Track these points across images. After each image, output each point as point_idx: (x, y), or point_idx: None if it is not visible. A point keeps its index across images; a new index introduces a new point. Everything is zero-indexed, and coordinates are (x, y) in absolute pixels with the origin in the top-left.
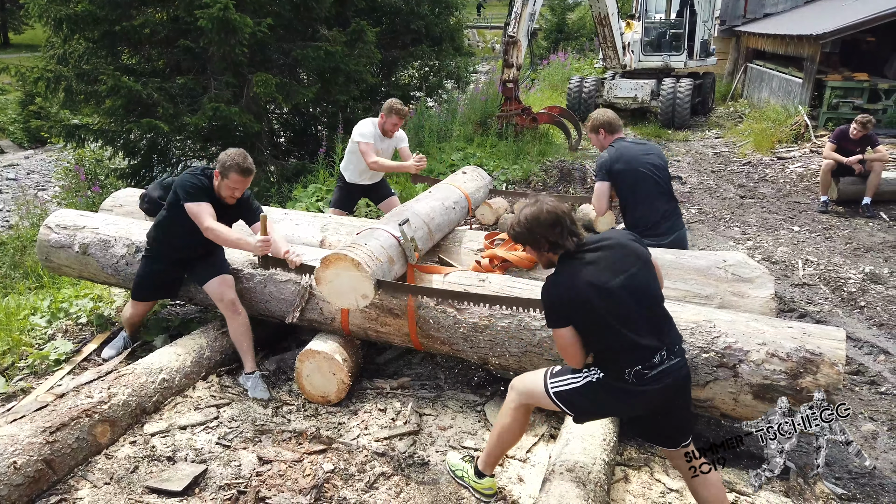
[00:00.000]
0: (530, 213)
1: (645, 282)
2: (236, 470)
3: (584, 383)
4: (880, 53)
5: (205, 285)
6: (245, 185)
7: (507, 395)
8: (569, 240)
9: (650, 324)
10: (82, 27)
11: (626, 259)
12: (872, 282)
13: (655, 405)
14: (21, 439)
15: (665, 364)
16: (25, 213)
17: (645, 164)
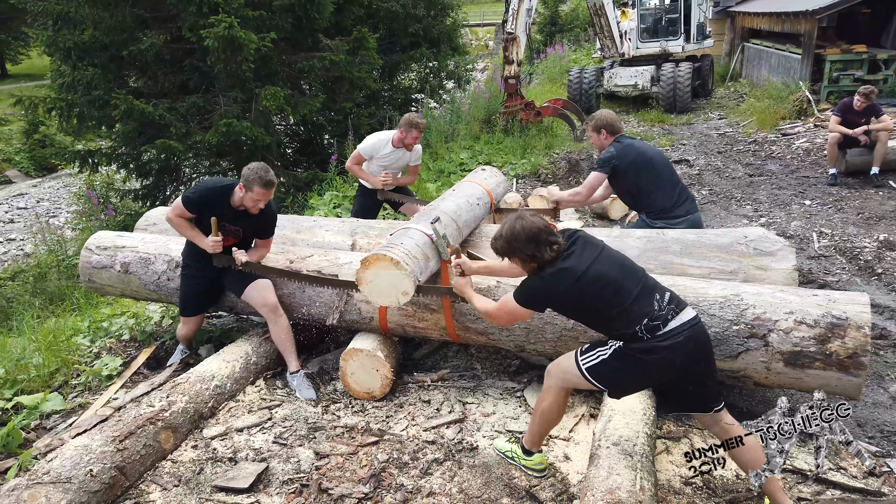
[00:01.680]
0: (508, 229)
1: (615, 253)
2: (296, 465)
3: (612, 352)
4: (876, 24)
5: (244, 295)
6: (268, 197)
7: (545, 380)
8: (546, 251)
9: (635, 280)
10: (90, 54)
11: (593, 244)
12: (888, 249)
13: (681, 365)
14: (94, 449)
15: (670, 313)
16: (41, 240)
17: (654, 154)
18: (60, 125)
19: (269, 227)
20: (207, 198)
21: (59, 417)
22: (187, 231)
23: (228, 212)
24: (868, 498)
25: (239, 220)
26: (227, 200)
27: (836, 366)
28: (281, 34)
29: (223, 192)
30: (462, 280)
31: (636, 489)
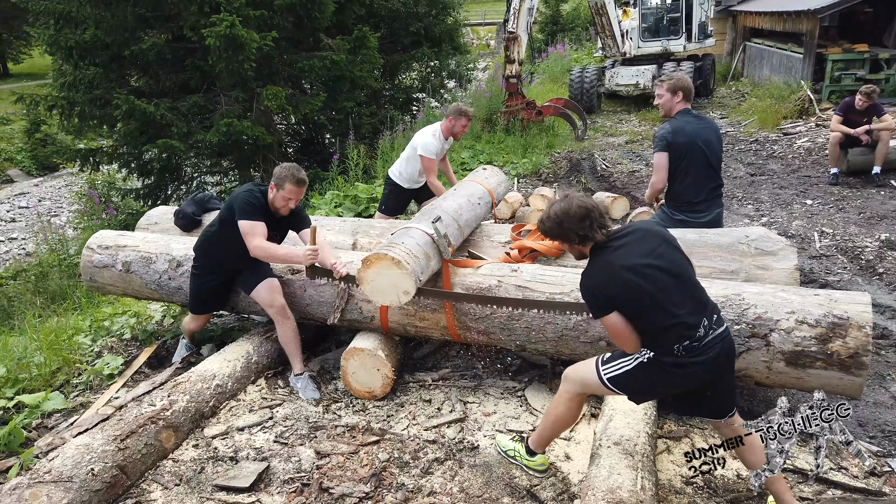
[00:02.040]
0: (560, 209)
1: (675, 257)
2: (297, 464)
3: (636, 364)
4: (878, 23)
5: (252, 292)
6: (299, 196)
7: (561, 384)
8: (598, 232)
9: (688, 296)
10: (91, 53)
11: (652, 240)
12: (889, 248)
13: (706, 376)
14: (95, 448)
15: (710, 334)
16: (43, 239)
17: (702, 140)
18: (62, 124)
19: (304, 218)
20: (258, 202)
21: (61, 416)
22: (279, 252)
23: (270, 217)
24: (869, 497)
25: (276, 222)
26: (268, 205)
27: (838, 365)
28: (282, 33)
29: (264, 196)
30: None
31: (637, 489)
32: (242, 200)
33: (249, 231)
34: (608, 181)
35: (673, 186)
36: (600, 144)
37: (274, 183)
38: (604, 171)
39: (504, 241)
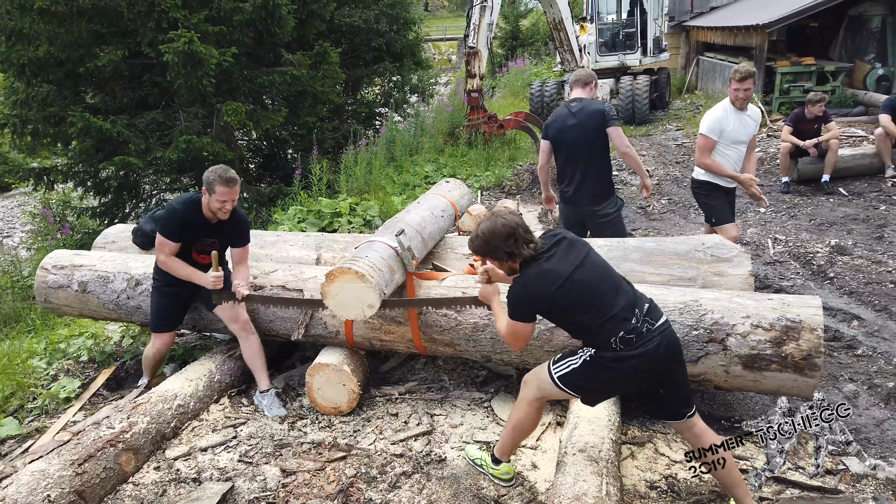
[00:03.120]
0: (486, 228)
1: (599, 260)
2: (262, 484)
3: (582, 362)
4: (824, 37)
5: (216, 308)
6: (233, 196)
7: (520, 391)
8: (525, 248)
9: (617, 292)
10: (45, 70)
11: (577, 247)
12: (839, 253)
13: (653, 371)
14: (51, 473)
15: (647, 325)
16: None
17: (565, 127)
18: (13, 142)
19: (244, 234)
20: (182, 220)
21: (15, 443)
22: (182, 270)
23: (203, 225)
24: (826, 495)
25: (214, 231)
26: (200, 213)
27: (792, 367)
28: (242, 49)
29: (194, 206)
30: (489, 288)
31: (602, 494)
32: (165, 214)
33: (159, 245)
34: None
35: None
36: None
37: (205, 188)
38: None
39: (468, 253)
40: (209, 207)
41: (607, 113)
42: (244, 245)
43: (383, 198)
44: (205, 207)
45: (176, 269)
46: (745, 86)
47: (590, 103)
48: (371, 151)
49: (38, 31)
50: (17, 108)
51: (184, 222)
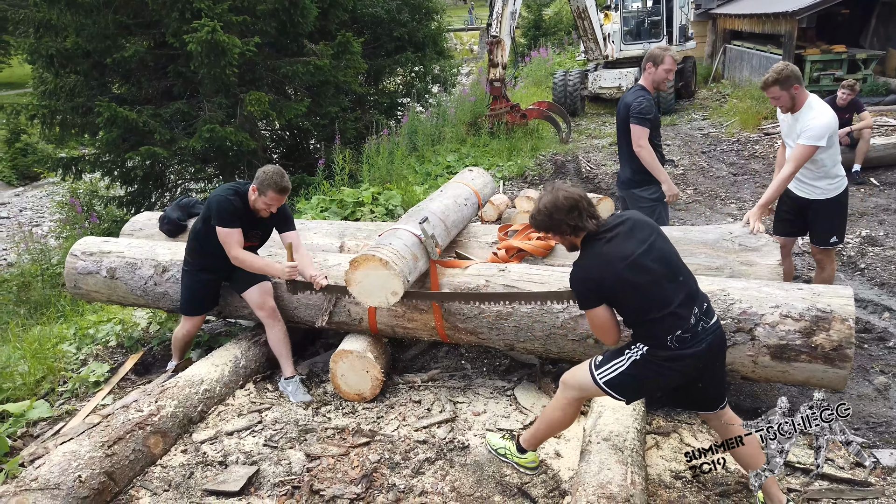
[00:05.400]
0: (549, 201)
1: (665, 247)
2: (287, 468)
3: (630, 363)
4: (855, 24)
5: (245, 293)
6: (281, 203)
7: (559, 390)
8: (589, 221)
9: (680, 286)
10: (73, 61)
11: (643, 230)
12: (870, 244)
13: (699, 370)
14: (82, 454)
15: (702, 324)
16: (25, 249)
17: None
18: (43, 133)
19: (289, 219)
20: (235, 208)
21: (46, 425)
22: (258, 262)
23: (249, 217)
24: (856, 488)
25: (258, 223)
26: (247, 204)
27: (822, 358)
28: (265, 39)
29: (243, 197)
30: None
31: (627, 483)
32: (218, 204)
33: (226, 239)
34: (593, 182)
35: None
36: (584, 146)
37: (256, 186)
38: (588, 173)
39: (491, 241)
40: (254, 204)
41: (632, 108)
42: (293, 229)
43: (405, 187)
44: (251, 202)
45: (251, 263)
46: (769, 95)
47: (628, 93)
48: (393, 141)
49: (66, 23)
50: (45, 98)
51: (237, 210)
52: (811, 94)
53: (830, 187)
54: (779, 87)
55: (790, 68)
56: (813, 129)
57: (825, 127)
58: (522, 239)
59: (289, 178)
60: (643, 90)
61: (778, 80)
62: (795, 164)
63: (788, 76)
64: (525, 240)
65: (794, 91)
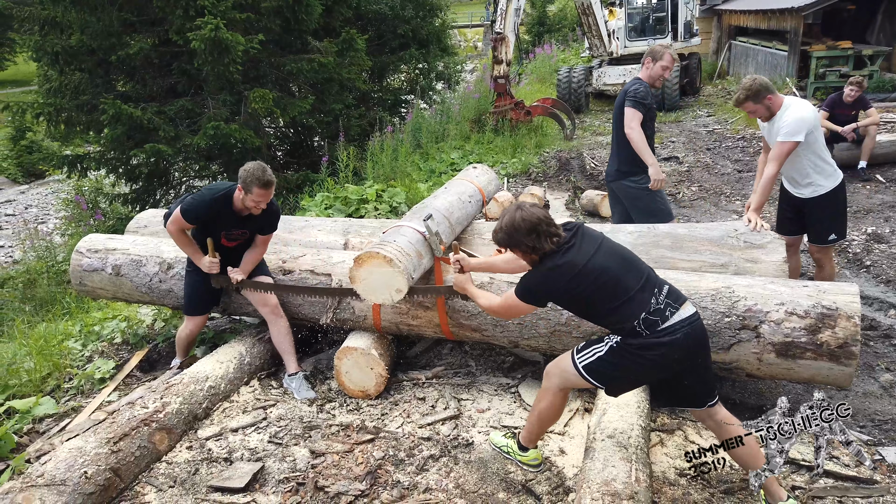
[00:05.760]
0: (508, 221)
1: (615, 245)
2: (292, 464)
3: (608, 349)
4: (861, 20)
5: (245, 292)
6: (267, 197)
7: (543, 380)
8: (547, 242)
9: (634, 273)
10: (77, 59)
11: (592, 236)
12: (875, 241)
13: (678, 361)
14: (88, 451)
15: (670, 308)
16: (30, 246)
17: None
18: (48, 130)
19: (273, 224)
20: (208, 211)
21: (52, 421)
22: (186, 247)
23: (233, 217)
24: (861, 485)
25: (244, 222)
26: (230, 207)
27: (827, 356)
28: (269, 36)
29: (224, 199)
30: (462, 277)
31: (632, 480)
32: (195, 197)
33: (173, 217)
34: (597, 179)
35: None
36: (589, 143)
37: (241, 185)
38: (593, 170)
39: None
40: (243, 203)
41: (628, 91)
42: (271, 232)
43: (409, 184)
44: (237, 201)
45: (182, 243)
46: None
47: (630, 83)
48: (397, 138)
49: (71, 20)
50: (50, 96)
51: (210, 213)
52: (786, 97)
53: (823, 183)
54: (752, 102)
55: (758, 81)
56: (789, 124)
57: (801, 121)
58: None
59: (272, 172)
60: (641, 81)
61: (749, 95)
62: (777, 163)
63: (758, 90)
64: None
65: (768, 101)
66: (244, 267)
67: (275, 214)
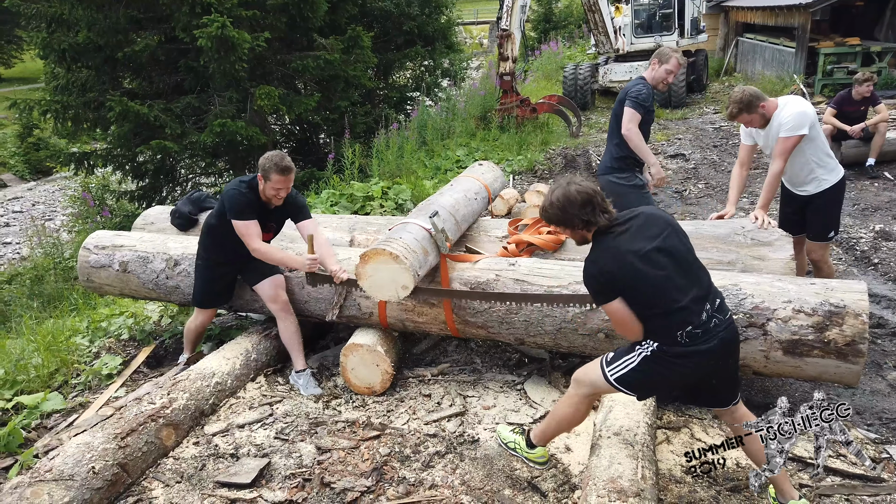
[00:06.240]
0: (561, 195)
1: (679, 242)
2: (298, 460)
3: (641, 359)
4: (869, 16)
5: (257, 286)
6: (288, 184)
7: (571, 386)
8: (601, 216)
9: (691, 282)
10: (84, 56)
11: (656, 225)
12: (883, 239)
13: (711, 367)
14: (95, 446)
15: (713, 320)
16: (37, 243)
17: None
18: (55, 128)
19: (304, 209)
20: (248, 200)
21: (60, 417)
22: (278, 254)
23: (262, 208)
24: (868, 483)
25: (271, 213)
26: (258, 195)
27: (835, 353)
28: (275, 33)
29: (254, 189)
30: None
31: (638, 477)
32: (231, 198)
33: (245, 232)
34: None
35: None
36: (595, 140)
37: (261, 174)
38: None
39: (501, 235)
40: (264, 193)
41: (630, 93)
42: (309, 218)
43: (415, 182)
44: (261, 192)
45: (272, 255)
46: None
47: (633, 82)
48: (403, 136)
49: (78, 17)
50: (58, 93)
51: (251, 203)
52: (779, 98)
53: (827, 177)
54: (746, 114)
55: (747, 91)
56: (791, 119)
57: (803, 115)
58: (533, 233)
59: (290, 159)
60: (644, 82)
61: (742, 108)
62: (783, 159)
63: (750, 100)
64: (535, 234)
65: (762, 109)
66: (331, 260)
67: (298, 199)
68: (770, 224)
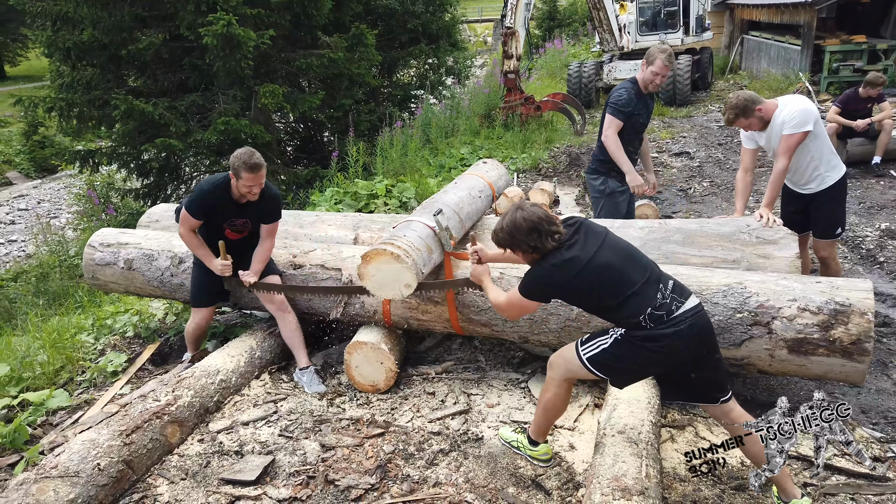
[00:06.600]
0: (510, 221)
1: (618, 240)
2: (302, 458)
3: (612, 341)
4: (875, 14)
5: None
6: (259, 180)
7: (548, 371)
8: (548, 241)
9: (639, 268)
10: (89, 54)
11: (596, 231)
12: (889, 238)
13: (683, 353)
14: (101, 443)
15: (674, 303)
16: (43, 241)
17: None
18: (60, 125)
19: (275, 211)
20: (208, 199)
21: (65, 413)
22: (198, 249)
23: (232, 206)
24: (874, 483)
25: (245, 211)
26: (228, 195)
27: (840, 352)
28: (279, 31)
29: (222, 187)
30: (480, 268)
31: (642, 476)
32: (194, 192)
33: (182, 219)
34: None
35: None
36: None
37: (231, 172)
38: None
39: None
40: (237, 190)
41: (610, 98)
42: (275, 221)
43: (419, 180)
44: (234, 189)
45: (193, 246)
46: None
47: (618, 86)
48: (407, 134)
49: (83, 16)
50: (63, 91)
51: (210, 203)
52: (778, 98)
53: (830, 174)
54: (743, 118)
55: (742, 96)
56: (795, 116)
57: (806, 112)
58: None
59: (260, 155)
60: (632, 85)
61: (739, 112)
62: (787, 156)
63: (746, 105)
64: None
65: (759, 112)
66: (254, 267)
67: (274, 200)
68: (775, 222)
